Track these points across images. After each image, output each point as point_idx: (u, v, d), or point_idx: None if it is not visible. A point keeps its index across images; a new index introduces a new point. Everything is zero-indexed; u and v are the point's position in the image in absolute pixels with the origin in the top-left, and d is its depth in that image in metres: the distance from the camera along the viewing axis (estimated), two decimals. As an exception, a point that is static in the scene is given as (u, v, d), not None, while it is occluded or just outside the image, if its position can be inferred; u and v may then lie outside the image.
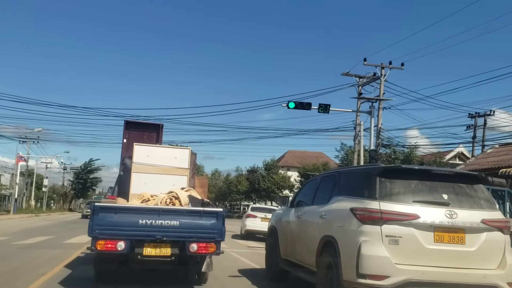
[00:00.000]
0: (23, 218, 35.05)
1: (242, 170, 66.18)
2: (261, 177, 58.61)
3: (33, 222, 27.27)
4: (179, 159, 8.39)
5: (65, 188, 73.33)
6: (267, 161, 62.04)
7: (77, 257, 10.35)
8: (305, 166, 60.00)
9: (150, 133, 9.41)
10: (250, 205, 32.36)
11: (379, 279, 4.92)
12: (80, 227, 22.97)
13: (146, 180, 8.09)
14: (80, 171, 70.22)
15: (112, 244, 6.33)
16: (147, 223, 6.48)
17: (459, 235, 5.14)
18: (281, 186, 58.83)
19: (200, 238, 6.60)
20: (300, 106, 19.92)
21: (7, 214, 38.73)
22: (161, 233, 6.46)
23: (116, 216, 6.49)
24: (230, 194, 61.71)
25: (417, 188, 5.41)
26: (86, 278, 7.38)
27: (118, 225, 6.43)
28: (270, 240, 8.65)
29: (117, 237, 6.35)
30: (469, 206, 5.37)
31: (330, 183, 6.83)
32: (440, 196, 5.37)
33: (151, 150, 8.44)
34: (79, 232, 17.68)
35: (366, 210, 5.24)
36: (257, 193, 58.39)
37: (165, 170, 8.18)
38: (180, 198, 7.28)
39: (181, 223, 6.58)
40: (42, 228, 21.66)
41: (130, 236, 6.41)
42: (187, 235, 6.57)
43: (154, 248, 6.50)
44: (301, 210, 7.35)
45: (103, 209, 6.54)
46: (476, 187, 5.64)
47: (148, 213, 6.58)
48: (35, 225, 23.78)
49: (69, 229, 20.76)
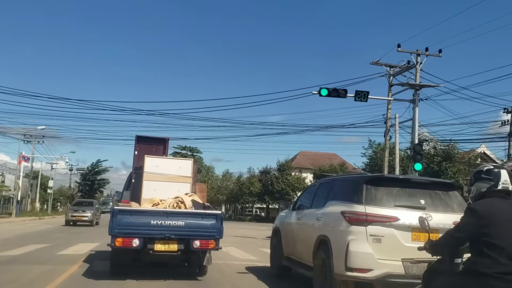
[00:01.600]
0: (25, 221, 33.88)
1: (254, 171, 63.41)
2: (274, 178, 55.95)
3: (33, 226, 25.96)
4: (183, 168, 9.67)
5: (71, 190, 70.96)
6: (281, 161, 59.23)
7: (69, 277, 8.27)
8: (320, 167, 57.39)
9: (157, 146, 10.68)
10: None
11: (364, 272, 5.83)
12: (82, 232, 20.80)
13: (156, 187, 9.31)
14: (87, 172, 68.73)
15: (128, 241, 7.59)
16: (158, 224, 7.79)
17: (434, 235, 5.35)
18: (295, 188, 56.27)
19: (202, 236, 7.91)
20: (334, 93, 17.30)
21: (9, 217, 36.67)
22: (169, 231, 7.78)
23: (131, 217, 7.79)
24: (242, 196, 59.30)
25: (398, 194, 6.24)
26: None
27: (133, 225, 7.71)
28: (274, 240, 9.58)
29: (132, 235, 7.64)
30: (443, 210, 6.19)
31: (326, 188, 7.68)
32: (418, 201, 6.21)
33: (159, 161, 9.70)
34: (80, 239, 15.58)
35: (353, 213, 6.10)
36: (270, 195, 56.23)
37: (171, 178, 9.44)
38: (185, 202, 8.56)
39: (186, 223, 7.91)
40: (41, 233, 20.30)
41: (143, 234, 7.70)
42: (191, 234, 7.88)
43: (163, 244, 7.82)
44: (301, 213, 8.20)
45: (121, 212, 7.89)
46: (451, 193, 6.51)
47: (158, 215, 7.95)
48: (34, 230, 22.39)
49: (70, 234, 18.81)
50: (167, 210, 8.21)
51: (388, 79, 23.31)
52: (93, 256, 11.46)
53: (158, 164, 9.48)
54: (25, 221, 33.88)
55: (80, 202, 31.49)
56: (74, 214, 27.27)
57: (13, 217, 38.33)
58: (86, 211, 27.39)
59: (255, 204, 65.44)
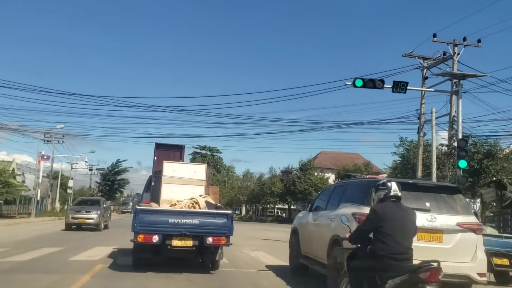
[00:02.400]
0: (45, 221, 33.47)
1: (275, 171, 62.16)
2: (296, 178, 54.57)
3: (50, 227, 24.98)
4: (197, 172, 10.72)
5: (91, 190, 70.86)
6: (303, 160, 57.88)
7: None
8: (344, 167, 55.82)
9: (175, 152, 11.85)
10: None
11: None
12: (100, 234, 19.63)
13: (173, 189, 10.35)
14: (107, 172, 68.51)
15: (149, 237, 8.64)
16: (175, 222, 8.80)
17: (438, 235, 6.64)
18: (318, 188, 54.79)
19: (214, 233, 8.90)
20: (369, 84, 16.13)
21: (28, 217, 36.27)
22: (185, 229, 8.77)
23: (152, 216, 8.87)
24: (264, 197, 58.13)
25: (404, 198, 6.17)
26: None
27: (153, 223, 8.75)
28: (292, 239, 10.17)
29: (152, 232, 8.66)
30: (447, 212, 6.85)
31: (340, 191, 8.40)
32: (423, 203, 6.79)
33: (176, 166, 10.81)
34: (97, 242, 14.56)
35: (363, 215, 6.34)
36: (292, 195, 54.96)
37: (187, 181, 10.43)
38: (199, 203, 9.57)
39: (200, 221, 8.91)
40: (56, 235, 19.35)
41: (162, 231, 8.72)
42: (205, 231, 8.86)
43: (180, 240, 8.81)
44: (317, 214, 8.83)
45: (143, 211, 8.98)
46: (455, 196, 7.15)
47: (176, 214, 8.94)
48: (50, 231, 21.42)
49: (86, 236, 17.84)
50: (183, 210, 9.22)
51: (422, 72, 21.90)
52: (110, 262, 10.44)
53: (175, 168, 10.60)
54: (44, 221, 33.59)
55: (84, 200, 25.91)
56: (76, 215, 22.44)
57: (33, 217, 37.98)
58: (91, 212, 22.37)
59: (277, 205, 64.03)
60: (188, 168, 10.92)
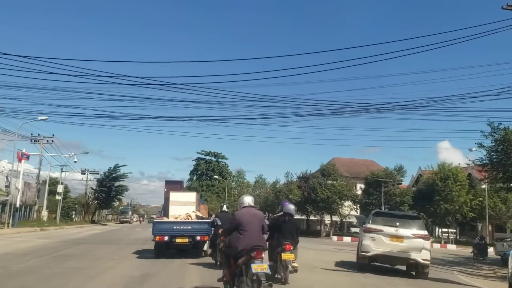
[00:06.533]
0: (20, 233, 29.59)
1: (292, 176, 56.23)
2: (318, 185, 48.25)
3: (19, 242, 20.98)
4: (191, 197, 18.11)
5: (87, 197, 64.73)
6: (324, 164, 51.65)
7: None
8: (373, 172, 49.87)
9: (176, 185, 21.08)
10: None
11: (366, 253, 13.94)
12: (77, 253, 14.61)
13: (176, 208, 17.18)
14: (104, 178, 62.51)
15: (162, 237, 15.08)
16: (178, 228, 15.29)
17: (400, 239, 13.51)
18: (344, 196, 48.56)
19: (201, 233, 15.39)
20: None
21: (1, 228, 30.18)
22: (184, 232, 15.24)
23: (163, 225, 15.61)
24: (280, 205, 51.40)
25: (385, 219, 14.38)
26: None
27: (165, 229, 15.32)
28: None
29: (164, 234, 15.10)
30: (408, 227, 13.82)
31: (368, 214, 17.35)
32: (394, 223, 14.01)
33: (178, 194, 18.36)
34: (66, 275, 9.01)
35: (366, 228, 14.63)
36: (313, 204, 48.93)
37: (185, 203, 17.39)
38: (191, 216, 16.46)
39: (192, 227, 15.51)
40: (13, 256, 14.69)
41: (170, 234, 15.14)
42: (195, 233, 15.38)
43: (181, 239, 15.23)
44: None
45: (158, 222, 15.96)
46: (416, 220, 14.58)
47: (177, 223, 15.66)
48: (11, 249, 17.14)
49: (51, 260, 11.64)
50: (182, 220, 16.05)
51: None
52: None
53: (177, 196, 17.96)
54: (20, 233, 30.08)
55: None
56: None
57: (7, 228, 31.78)
58: None
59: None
60: (185, 195, 18.49)
